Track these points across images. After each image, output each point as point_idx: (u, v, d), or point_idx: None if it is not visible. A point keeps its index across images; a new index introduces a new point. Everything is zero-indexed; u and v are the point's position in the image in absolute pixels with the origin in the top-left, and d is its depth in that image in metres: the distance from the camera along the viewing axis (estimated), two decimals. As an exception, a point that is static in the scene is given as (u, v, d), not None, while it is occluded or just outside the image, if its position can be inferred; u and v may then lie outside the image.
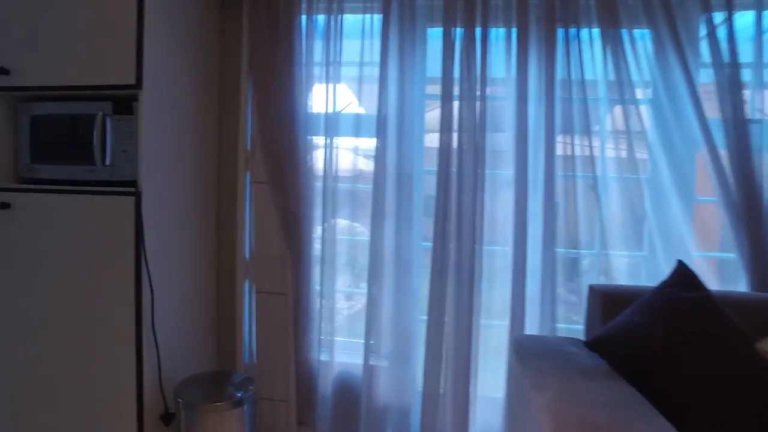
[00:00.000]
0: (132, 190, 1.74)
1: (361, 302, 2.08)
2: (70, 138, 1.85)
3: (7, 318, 1.86)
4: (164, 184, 1.88)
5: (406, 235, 2.00)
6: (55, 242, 1.80)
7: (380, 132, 1.99)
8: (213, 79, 2.19)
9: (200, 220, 2.11)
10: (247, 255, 2.16)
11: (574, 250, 1.91)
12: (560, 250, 1.89)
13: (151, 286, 1.76)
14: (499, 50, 1.93)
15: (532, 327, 1.90)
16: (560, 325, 1.88)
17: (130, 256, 1.73)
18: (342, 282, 2.16)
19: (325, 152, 2.06)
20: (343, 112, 2.09)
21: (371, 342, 2.03)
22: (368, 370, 2.04)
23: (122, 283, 1.74)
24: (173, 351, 1.92)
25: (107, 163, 1.81)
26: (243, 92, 2.13)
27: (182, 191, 1.99)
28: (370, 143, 2.07)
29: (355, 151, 2.12)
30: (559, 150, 1.87)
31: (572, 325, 1.92)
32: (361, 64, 2.04)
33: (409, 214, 1.99)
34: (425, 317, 1.99)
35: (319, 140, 2.08)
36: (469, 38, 1.90)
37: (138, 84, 1.73)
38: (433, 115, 2.04)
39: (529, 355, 1.44)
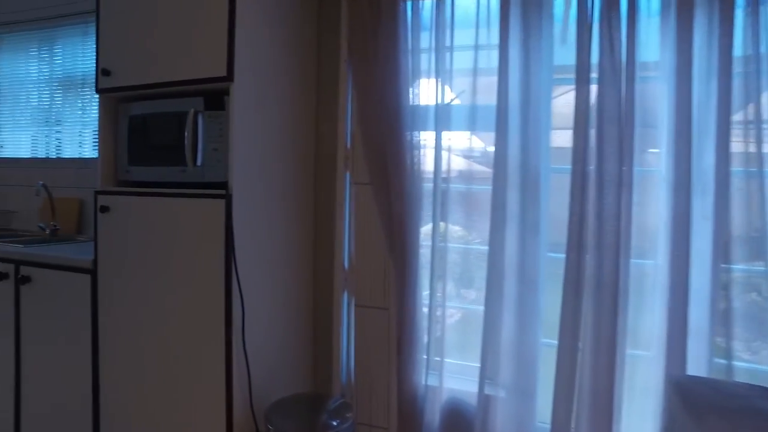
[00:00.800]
0: (222, 192, 1.58)
1: (476, 321, 1.80)
2: (163, 138, 1.74)
3: (109, 322, 1.78)
4: (256, 186, 1.72)
5: (531, 245, 1.70)
6: (149, 246, 1.69)
7: (500, 125, 1.71)
8: (309, 70, 2.01)
9: (295, 225, 1.93)
10: (346, 264, 1.96)
11: (756, 267, 1.51)
12: (737, 267, 1.50)
13: (241, 297, 1.59)
14: (652, 23, 1.58)
15: (694, 363, 1.52)
16: (738, 364, 1.48)
17: (219, 264, 1.58)
18: (454, 297, 1.90)
19: (435, 149, 1.81)
20: (454, 103, 1.83)
21: (487, 368, 1.75)
22: (483, 400, 1.76)
23: (212, 291, 1.59)
24: (265, 369, 1.75)
25: (198, 163, 1.67)
26: (342, 84, 1.94)
27: (275, 193, 1.82)
28: (486, 138, 1.80)
29: (469, 147, 1.85)
30: (735, 142, 1.48)
31: (751, 364, 1.52)
32: (476, 47, 1.77)
33: (535, 220, 1.69)
34: (554, 342, 1.67)
35: (427, 136, 1.84)
36: (609, 10, 1.57)
37: (229, 75, 1.57)
38: (563, 102, 1.73)
39: (704, 409, 1.11)
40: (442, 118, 1.81)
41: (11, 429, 2.01)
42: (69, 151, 2.77)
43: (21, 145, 2.96)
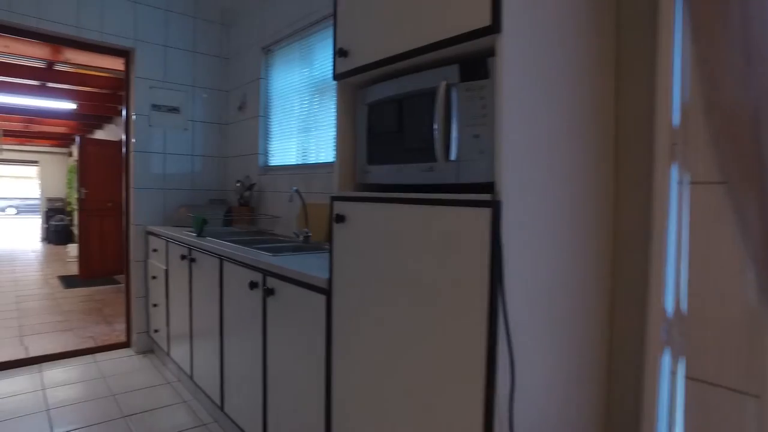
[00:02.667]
0: (486, 198, 1.06)
1: None
2: (406, 126, 1.33)
3: (341, 348, 1.48)
4: (535, 189, 1.15)
5: None
6: (388, 266, 1.30)
7: None
8: (608, 10, 1.35)
9: (584, 245, 1.30)
10: (670, 308, 1.23)
11: None
12: None
13: (510, 350, 1.04)
14: None
15: None
16: None
17: (479, 298, 1.06)
18: None
19: None
20: None
21: None
22: None
23: (466, 336, 1.09)
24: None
25: (452, 156, 1.20)
26: (664, 20, 1.22)
27: (559, 200, 1.22)
28: None
29: None
30: None
31: None
32: None
33: None
34: None
35: None
36: None
37: (495, 24, 1.04)
38: None
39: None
40: None
41: (260, 419, 1.95)
42: (324, 156, 2.71)
43: (288, 153, 3.07)
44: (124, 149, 3.41)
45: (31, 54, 4.03)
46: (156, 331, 3.22)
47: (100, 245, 6.33)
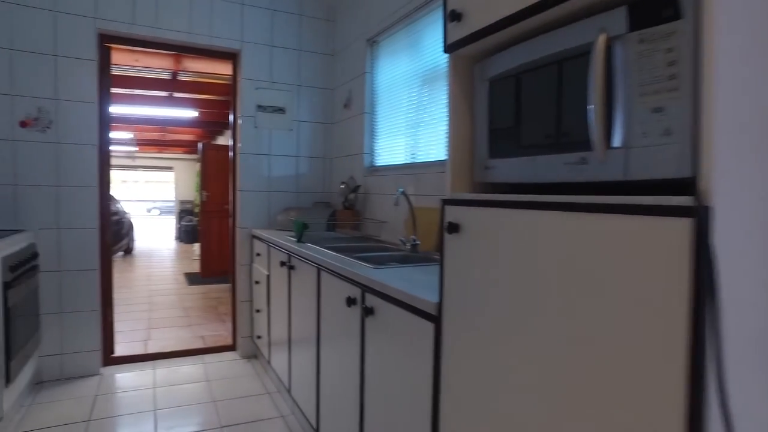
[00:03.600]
0: (687, 203, 0.68)
1: None
2: (544, 104, 0.97)
3: (452, 391, 1.15)
4: (760, 190, 0.73)
5: None
6: (523, 291, 0.95)
7: None
8: None
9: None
10: None
11: None
12: None
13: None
14: None
15: None
16: None
17: (674, 358, 0.67)
18: None
19: None
20: None
21: None
22: None
23: (651, 407, 0.71)
24: None
25: (616, 143, 0.83)
26: None
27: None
28: None
29: None
30: None
31: None
32: None
33: None
34: None
35: None
36: None
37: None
38: None
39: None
40: None
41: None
42: (435, 153, 2.40)
43: (395, 151, 2.81)
44: (231, 152, 3.41)
45: (157, 65, 4.25)
46: (259, 337, 3.15)
47: (219, 245, 6.65)
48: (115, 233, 8.42)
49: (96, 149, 2.89)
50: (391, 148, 2.83)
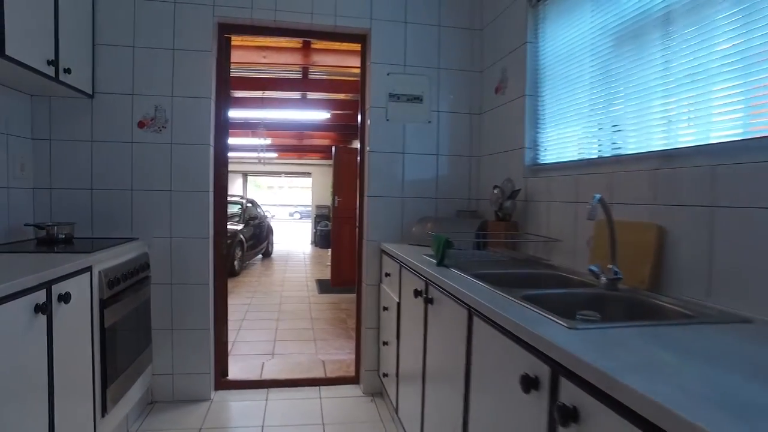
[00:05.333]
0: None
1: None
2: None
3: None
4: None
5: None
6: None
7: None
8: None
9: None
10: None
11: None
12: None
13: None
14: None
15: None
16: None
17: None
18: None
19: None
20: None
21: None
22: None
23: None
24: None
25: None
26: None
27: None
28: None
29: None
30: None
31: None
32: None
33: None
34: None
35: None
36: None
37: None
38: None
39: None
40: None
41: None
42: (638, 141, 1.60)
43: (570, 144, 2.05)
44: (359, 152, 2.90)
45: (286, 61, 3.97)
46: (385, 375, 2.57)
47: (350, 253, 6.36)
48: (255, 236, 8.68)
49: (210, 150, 2.57)
50: (565, 139, 2.06)
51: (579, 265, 1.80)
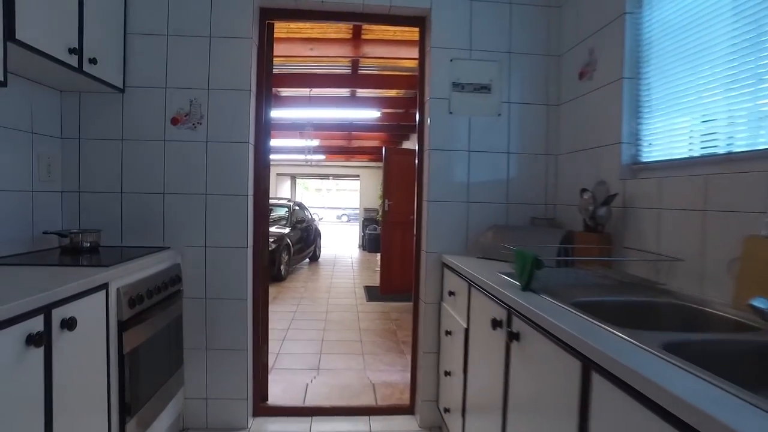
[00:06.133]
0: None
1: None
2: None
3: None
4: None
5: None
6: None
7: None
8: None
9: None
10: None
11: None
12: None
13: None
14: None
15: None
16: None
17: None
18: None
19: None
20: None
21: None
22: None
23: None
24: None
25: None
26: None
27: None
28: None
29: None
30: None
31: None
32: None
33: None
34: None
35: None
36: None
37: None
38: None
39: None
40: None
41: None
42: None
43: (687, 135, 1.62)
44: (417, 151, 2.55)
45: (335, 54, 3.68)
46: (446, 410, 2.20)
47: (401, 260, 6.06)
48: (302, 240, 8.50)
49: (250, 149, 2.29)
50: (680, 130, 1.62)
51: (710, 292, 1.37)
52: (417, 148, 2.52)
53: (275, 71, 4.46)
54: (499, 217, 2.39)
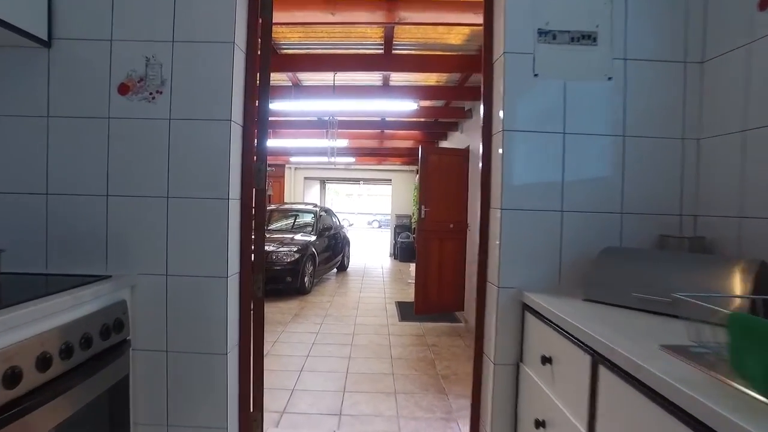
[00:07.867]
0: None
1: None
2: None
3: None
4: None
5: None
6: None
7: None
8: None
9: None
10: None
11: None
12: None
13: None
14: None
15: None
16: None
17: None
18: None
19: None
20: None
21: None
22: None
23: None
24: None
25: None
26: None
27: None
28: None
29: None
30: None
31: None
32: None
33: None
34: None
35: None
36: None
37: None
38: None
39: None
40: None
41: None
42: None
43: None
44: (481, 139, 1.74)
45: (363, 20, 2.93)
46: None
47: (438, 274, 5.27)
48: (329, 248, 7.81)
49: (234, 130, 1.54)
50: None
51: None
52: (482, 129, 1.70)
53: (289, 51, 3.76)
54: (610, 233, 1.56)
